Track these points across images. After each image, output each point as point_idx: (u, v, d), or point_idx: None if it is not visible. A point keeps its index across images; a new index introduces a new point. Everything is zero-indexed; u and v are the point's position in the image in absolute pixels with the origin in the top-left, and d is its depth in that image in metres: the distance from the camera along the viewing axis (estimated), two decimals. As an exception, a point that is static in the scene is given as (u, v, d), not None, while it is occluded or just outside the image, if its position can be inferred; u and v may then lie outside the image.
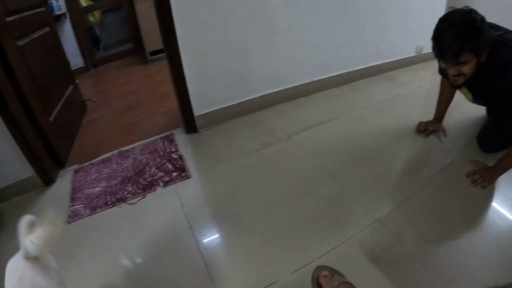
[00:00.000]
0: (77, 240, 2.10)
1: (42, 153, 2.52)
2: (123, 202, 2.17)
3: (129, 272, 1.84)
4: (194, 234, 1.87)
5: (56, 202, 2.42)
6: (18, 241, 1.24)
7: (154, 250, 1.88)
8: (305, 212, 1.89)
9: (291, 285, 1.52)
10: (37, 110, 2.52)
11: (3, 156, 2.50)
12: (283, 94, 2.99)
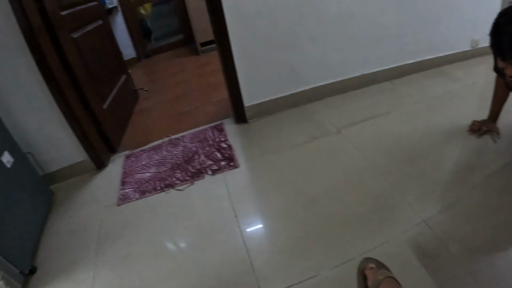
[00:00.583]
0: (125, 221, 2.26)
1: (95, 139, 2.71)
2: (172, 188, 2.28)
3: (172, 255, 1.94)
4: (239, 223, 1.93)
5: (106, 185, 2.60)
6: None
7: (198, 236, 1.97)
8: (351, 207, 1.88)
9: (331, 280, 1.53)
10: (91, 98, 2.71)
11: (59, 141, 2.70)
12: (333, 87, 2.98)
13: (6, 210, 2.31)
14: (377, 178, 2.06)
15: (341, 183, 2.06)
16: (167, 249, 2.00)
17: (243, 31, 2.50)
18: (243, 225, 1.91)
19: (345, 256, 1.60)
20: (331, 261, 1.60)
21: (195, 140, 2.63)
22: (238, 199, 2.10)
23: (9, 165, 2.39)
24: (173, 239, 2.03)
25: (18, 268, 2.25)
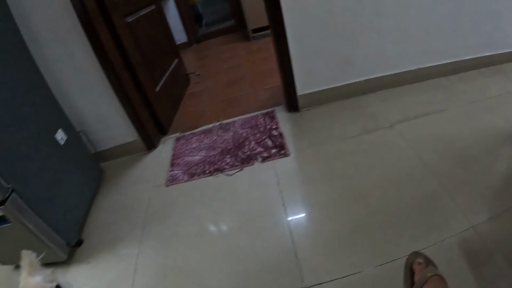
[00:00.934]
0: (173, 202, 2.32)
1: (146, 120, 2.79)
2: (221, 172, 2.30)
3: (217, 239, 1.97)
4: (286, 212, 1.93)
5: (156, 165, 2.67)
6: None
7: (244, 222, 1.98)
8: (399, 206, 1.81)
9: (374, 278, 1.50)
10: (144, 81, 2.79)
11: (111, 121, 2.79)
12: (388, 80, 2.89)
13: (58, 184, 2.42)
14: (428, 178, 1.97)
15: (391, 180, 2.00)
16: (212, 232, 2.04)
17: (299, 19, 2.46)
18: (290, 214, 1.91)
19: (390, 255, 1.56)
20: (375, 258, 1.56)
21: (246, 126, 2.64)
22: (286, 188, 2.09)
23: (62, 142, 2.49)
24: (219, 223, 2.06)
25: (65, 239, 2.34)
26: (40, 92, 2.43)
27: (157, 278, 1.96)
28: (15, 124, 2.19)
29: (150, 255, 2.12)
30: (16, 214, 2.08)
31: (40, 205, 2.24)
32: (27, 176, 2.21)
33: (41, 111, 2.39)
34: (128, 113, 2.70)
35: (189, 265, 1.91)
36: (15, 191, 2.10)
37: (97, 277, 2.25)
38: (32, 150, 2.29)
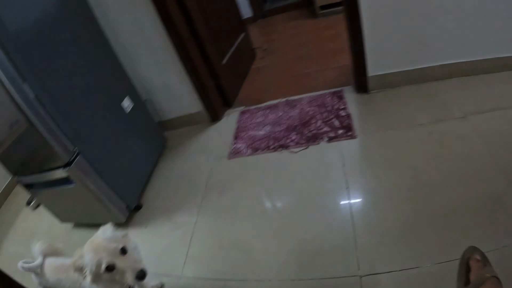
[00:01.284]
0: (234, 175, 2.31)
1: (212, 92, 2.79)
2: (285, 149, 2.25)
3: (276, 216, 1.95)
4: (350, 195, 1.85)
5: (219, 138, 2.68)
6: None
7: (305, 201, 1.93)
8: (465, 203, 1.66)
9: (432, 276, 1.41)
10: (211, 53, 2.77)
11: (177, 91, 2.81)
12: (464, 67, 2.66)
13: (122, 150, 2.48)
14: (499, 177, 1.79)
15: (460, 174, 1.83)
16: (271, 208, 2.01)
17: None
18: (353, 199, 1.83)
19: (450, 254, 1.44)
20: (435, 256, 1.47)
21: (313, 104, 2.56)
22: (351, 170, 2.00)
23: (128, 110, 2.54)
24: (279, 200, 2.02)
25: (125, 203, 2.40)
26: (109, 62, 2.48)
27: (212, 249, 1.97)
28: (84, 90, 2.25)
29: (208, 226, 2.12)
30: (80, 176, 2.14)
31: (104, 169, 2.30)
32: (93, 140, 2.27)
33: (109, 80, 2.44)
34: (194, 84, 2.71)
35: (245, 240, 1.90)
36: (81, 153, 2.16)
37: (153, 242, 2.30)
38: (99, 116, 2.34)
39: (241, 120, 2.68)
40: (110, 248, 1.28)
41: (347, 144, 2.19)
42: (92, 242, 1.33)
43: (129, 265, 1.27)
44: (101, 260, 1.25)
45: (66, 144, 2.07)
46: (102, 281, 1.31)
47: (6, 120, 2.05)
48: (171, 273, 2.01)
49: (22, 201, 4.12)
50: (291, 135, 2.33)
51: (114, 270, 1.27)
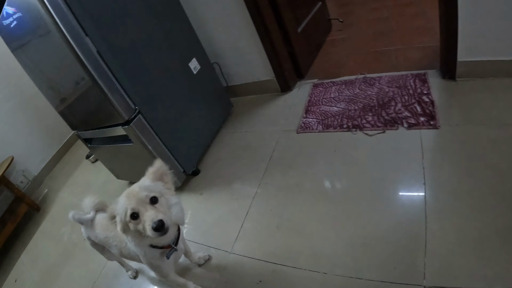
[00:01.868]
0: (301, 151, 2.17)
1: (285, 61, 2.65)
2: (360, 130, 2.09)
3: (341, 202, 1.79)
4: (426, 192, 1.65)
5: (288, 109, 2.54)
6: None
7: (376, 191, 1.76)
8: None
9: None
10: (287, 19, 2.61)
11: (248, 56, 2.69)
12: None
13: (185, 112, 2.41)
14: None
15: None
16: (337, 193, 1.86)
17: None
18: (430, 197, 1.62)
19: None
20: (510, 279, 1.27)
21: (393, 85, 2.35)
22: (431, 165, 1.78)
23: (195, 72, 2.47)
24: (347, 185, 1.86)
25: (182, 167, 2.34)
26: (178, 21, 2.40)
27: (267, 228, 1.88)
28: (149, 49, 2.18)
29: (267, 202, 2.02)
30: (138, 136, 2.11)
31: (164, 130, 2.26)
32: (155, 100, 2.23)
33: (177, 39, 2.37)
34: (266, 50, 2.58)
35: (304, 223, 1.79)
36: (141, 113, 2.12)
37: (207, 210, 2.23)
38: (164, 75, 2.29)
39: (313, 93, 2.52)
40: (140, 196, 1.24)
41: (428, 134, 1.96)
42: (127, 190, 1.29)
43: (151, 214, 1.20)
44: (127, 206, 1.22)
45: (127, 102, 2.05)
46: (131, 232, 1.28)
47: (73, 77, 2.05)
48: (220, 247, 1.95)
49: (83, 153, 4.23)
50: (367, 115, 2.15)
51: (138, 219, 1.22)
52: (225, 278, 1.79)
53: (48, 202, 4.02)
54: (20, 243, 3.69)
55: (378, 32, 3.17)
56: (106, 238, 1.69)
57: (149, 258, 1.48)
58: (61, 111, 2.53)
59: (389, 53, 2.77)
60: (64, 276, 2.68)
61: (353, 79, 2.52)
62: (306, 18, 2.95)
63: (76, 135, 2.70)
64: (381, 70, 2.54)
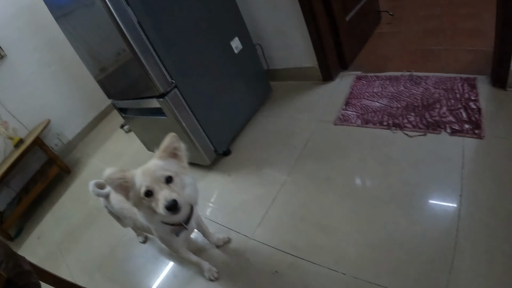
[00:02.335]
0: (336, 144, 2.12)
1: (330, 49, 2.57)
2: (400, 129, 2.01)
3: (371, 203, 1.72)
4: (461, 204, 1.55)
5: (328, 99, 2.49)
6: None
7: (408, 196, 1.68)
8: None
9: None
10: (336, 6, 2.52)
11: (292, 41, 2.64)
12: None
13: (223, 91, 2.39)
14: None
15: None
16: (367, 192, 1.80)
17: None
18: (464, 210, 1.52)
19: None
20: None
21: (440, 87, 2.24)
22: (471, 176, 1.67)
23: (236, 51, 2.44)
24: (378, 185, 1.79)
25: (214, 145, 2.32)
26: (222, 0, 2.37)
27: (292, 218, 1.85)
28: (191, 24, 2.16)
29: (295, 192, 1.99)
30: (172, 110, 2.10)
31: (199, 107, 2.25)
32: (193, 75, 2.22)
33: (220, 17, 2.34)
34: (312, 36, 2.50)
35: (330, 219, 1.74)
36: (178, 87, 2.10)
37: (233, 193, 2.22)
38: (204, 52, 2.27)
39: (355, 86, 2.44)
40: (156, 175, 1.26)
41: (472, 143, 1.85)
42: (144, 166, 1.31)
43: (165, 194, 1.22)
44: (142, 184, 1.24)
45: (164, 75, 2.04)
46: (144, 208, 1.31)
47: (113, 48, 2.06)
48: (241, 231, 1.94)
49: (118, 123, 4.29)
50: (410, 115, 2.06)
51: (152, 196, 1.24)
52: (242, 263, 1.78)
53: (79, 166, 4.10)
54: (48, 203, 3.78)
55: (428, 30, 3.04)
56: (120, 209, 1.76)
57: (160, 233, 1.52)
58: (99, 80, 2.56)
59: (438, 53, 2.65)
60: (85, 239, 2.73)
61: (399, 75, 2.43)
62: (355, 7, 2.85)
63: (112, 104, 2.72)
64: (428, 70, 2.43)
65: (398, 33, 3.07)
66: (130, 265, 2.22)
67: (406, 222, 1.55)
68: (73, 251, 2.71)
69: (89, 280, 2.30)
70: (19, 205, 3.65)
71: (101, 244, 2.54)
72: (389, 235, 1.53)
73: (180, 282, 1.90)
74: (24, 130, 4.21)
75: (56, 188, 3.97)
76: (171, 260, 2.05)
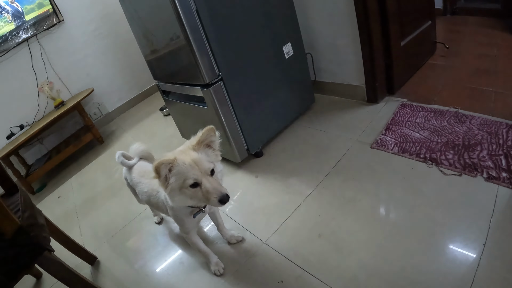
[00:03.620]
0: (369, 167, 2.09)
1: (379, 71, 2.56)
2: (436, 165, 1.96)
3: (393, 235, 1.67)
4: (483, 254, 1.46)
5: (369, 121, 2.46)
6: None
7: (432, 234, 1.61)
8: None
9: None
10: (393, 31, 2.50)
11: (344, 56, 2.66)
12: None
13: (267, 92, 2.43)
14: None
15: None
16: (391, 222, 1.75)
17: None
18: (484, 261, 1.43)
19: None
20: None
21: (484, 129, 2.17)
22: (498, 227, 1.57)
23: (287, 56, 2.46)
24: (404, 217, 1.74)
25: (247, 144, 2.32)
26: (283, 2, 2.39)
27: (309, 232, 1.83)
28: (246, 21, 2.18)
29: (318, 206, 1.97)
30: (214, 101, 2.13)
31: (240, 103, 2.29)
32: (240, 72, 2.26)
33: (276, 19, 2.35)
34: (364, 55, 2.50)
35: (347, 241, 1.71)
36: (223, 80, 2.12)
37: (257, 194, 2.24)
38: (255, 50, 2.29)
39: (399, 113, 2.41)
40: (204, 167, 1.29)
41: (506, 193, 1.75)
42: (188, 154, 1.32)
43: (215, 187, 1.27)
44: (190, 176, 1.26)
45: (212, 66, 2.07)
46: (175, 194, 1.33)
47: (168, 32, 2.12)
48: (256, 234, 1.95)
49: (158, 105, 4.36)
50: (448, 152, 2.01)
51: (198, 187, 1.28)
52: (249, 265, 1.78)
53: (113, 138, 4.19)
54: (75, 166, 3.87)
55: (482, 69, 2.95)
56: (139, 183, 1.80)
57: (177, 213, 1.56)
58: (149, 60, 2.64)
59: (488, 94, 2.56)
60: (103, 208, 2.79)
61: (444, 110, 2.37)
62: (412, 33, 2.81)
63: (156, 85, 2.76)
64: (475, 110, 2.35)
65: (451, 67, 2.99)
66: (140, 243, 2.25)
67: (424, 261, 1.50)
68: (88, 217, 2.77)
69: (97, 247, 2.35)
70: (48, 162, 3.76)
71: (117, 216, 2.58)
72: (403, 270, 1.49)
73: (185, 269, 1.93)
74: (67, 94, 4.34)
75: (86, 155, 4.07)
76: (181, 248, 2.08)
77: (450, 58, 3.15)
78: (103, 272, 2.17)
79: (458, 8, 4.90)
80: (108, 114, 4.81)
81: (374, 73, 2.48)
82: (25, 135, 3.65)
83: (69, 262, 1.65)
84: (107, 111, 4.80)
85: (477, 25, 4.23)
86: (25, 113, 4.06)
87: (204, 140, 1.37)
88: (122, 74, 4.82)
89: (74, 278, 1.63)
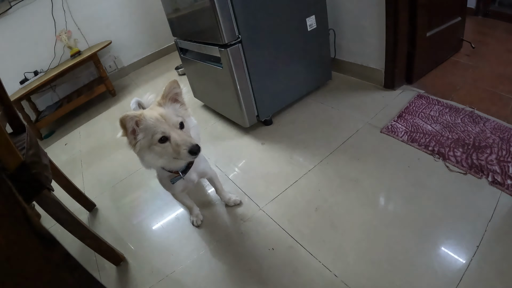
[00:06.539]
0: (376, 151, 2.10)
1: (401, 58, 2.52)
2: (443, 159, 1.95)
3: (384, 214, 1.71)
4: (474, 255, 1.45)
5: (382, 106, 2.45)
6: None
7: (428, 225, 1.61)
8: None
9: None
10: (420, 19, 2.47)
11: (367, 37, 2.64)
12: None
13: (285, 62, 2.42)
14: None
15: None
16: (389, 209, 1.75)
17: None
18: (474, 262, 1.42)
19: None
20: None
21: (497, 134, 2.14)
22: (494, 231, 1.55)
23: (309, 29, 2.42)
24: (403, 207, 1.73)
25: (258, 111, 2.34)
26: None
27: (307, 204, 1.86)
28: None
29: (319, 181, 1.98)
30: (230, 63, 2.13)
31: (256, 69, 2.29)
32: (261, 37, 2.23)
33: None
34: (387, 39, 2.46)
35: (343, 219, 1.73)
36: (242, 43, 2.11)
37: (260, 161, 2.26)
38: (278, 19, 2.27)
39: (414, 103, 2.39)
40: (172, 121, 1.29)
41: (508, 200, 1.72)
42: (155, 110, 1.32)
43: (184, 138, 1.26)
44: (158, 130, 1.25)
45: (233, 27, 2.06)
46: (146, 153, 1.33)
47: None
48: (254, 199, 1.97)
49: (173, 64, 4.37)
50: (457, 150, 1.99)
51: (167, 142, 1.27)
52: (243, 228, 1.81)
53: (125, 92, 4.22)
54: (85, 116, 3.91)
55: (505, 75, 2.90)
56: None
57: (160, 176, 1.59)
58: (170, 18, 2.62)
59: (507, 100, 2.53)
60: (108, 159, 2.82)
61: (460, 108, 2.34)
62: (439, 26, 2.77)
63: (175, 42, 2.76)
64: (491, 113, 2.32)
65: (474, 67, 2.95)
66: (140, 197, 2.28)
67: (416, 252, 1.50)
68: (92, 166, 2.80)
69: (97, 195, 2.39)
70: (58, 110, 3.80)
71: (121, 168, 2.62)
72: (393, 257, 1.50)
73: (181, 225, 1.96)
74: (85, 45, 4.35)
75: (97, 106, 4.10)
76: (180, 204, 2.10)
77: (475, 58, 3.10)
78: (100, 219, 2.21)
79: (491, 11, 4.81)
80: (123, 69, 4.83)
81: (395, 59, 2.45)
82: (39, 81, 3.69)
83: (68, 206, 1.67)
84: (123, 65, 4.81)
85: (507, 31, 4.16)
86: (41, 60, 4.09)
87: (168, 93, 1.37)
88: (141, 29, 4.81)
89: (70, 219, 1.66)
